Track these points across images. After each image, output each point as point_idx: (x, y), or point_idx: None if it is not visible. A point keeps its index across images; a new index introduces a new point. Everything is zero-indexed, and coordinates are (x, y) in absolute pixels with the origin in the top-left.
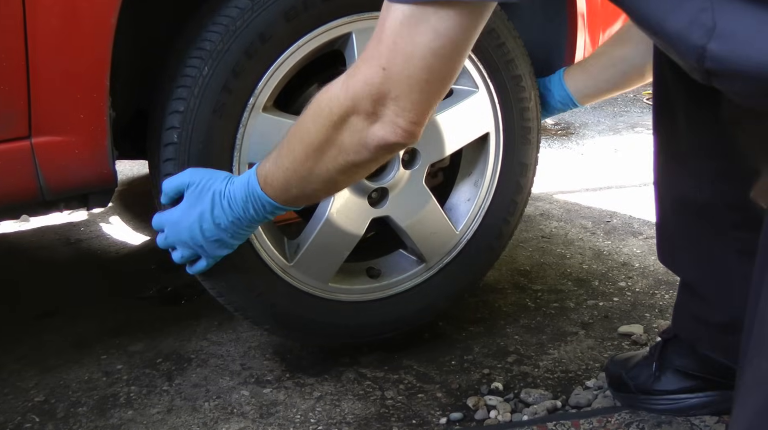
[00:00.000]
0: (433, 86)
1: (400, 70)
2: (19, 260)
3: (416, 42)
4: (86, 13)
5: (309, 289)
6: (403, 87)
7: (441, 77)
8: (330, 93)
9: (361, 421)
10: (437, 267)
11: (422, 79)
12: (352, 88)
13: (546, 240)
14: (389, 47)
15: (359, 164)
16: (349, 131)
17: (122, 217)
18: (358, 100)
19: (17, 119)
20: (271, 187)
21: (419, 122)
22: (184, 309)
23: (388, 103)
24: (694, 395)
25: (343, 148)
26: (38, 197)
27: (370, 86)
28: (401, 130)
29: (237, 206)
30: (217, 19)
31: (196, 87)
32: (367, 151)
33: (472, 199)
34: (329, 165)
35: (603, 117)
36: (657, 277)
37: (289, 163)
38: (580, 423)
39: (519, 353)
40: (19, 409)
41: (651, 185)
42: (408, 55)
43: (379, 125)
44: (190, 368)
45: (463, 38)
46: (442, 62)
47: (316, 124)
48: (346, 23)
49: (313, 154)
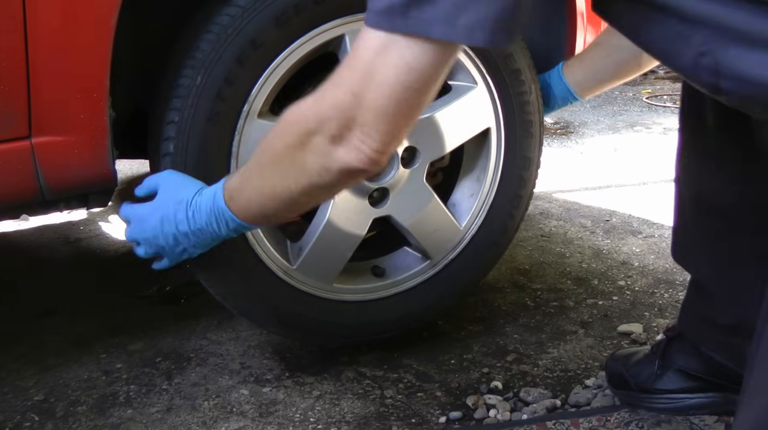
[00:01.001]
0: (401, 118)
1: (370, 98)
2: (19, 259)
3: (388, 73)
4: (86, 13)
5: (313, 290)
6: (371, 115)
7: (409, 109)
8: (298, 112)
9: (360, 420)
10: (442, 263)
11: (390, 110)
12: (320, 109)
13: (545, 239)
14: (361, 74)
15: (321, 187)
16: (313, 153)
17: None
18: (324, 122)
19: (17, 119)
20: (235, 204)
21: (384, 151)
22: (184, 308)
23: (354, 128)
24: (695, 396)
25: (306, 169)
26: (38, 197)
27: (339, 110)
28: (365, 156)
29: (201, 218)
30: (209, 27)
31: (190, 97)
32: (330, 175)
33: (475, 195)
34: (292, 186)
35: (602, 116)
36: (656, 276)
37: (254, 181)
38: (579, 422)
39: (518, 352)
40: (18, 408)
41: (650, 184)
42: (379, 84)
43: (343, 150)
44: (189, 367)
45: (434, 72)
46: (413, 95)
47: (282, 142)
48: (339, 25)
49: (276, 173)
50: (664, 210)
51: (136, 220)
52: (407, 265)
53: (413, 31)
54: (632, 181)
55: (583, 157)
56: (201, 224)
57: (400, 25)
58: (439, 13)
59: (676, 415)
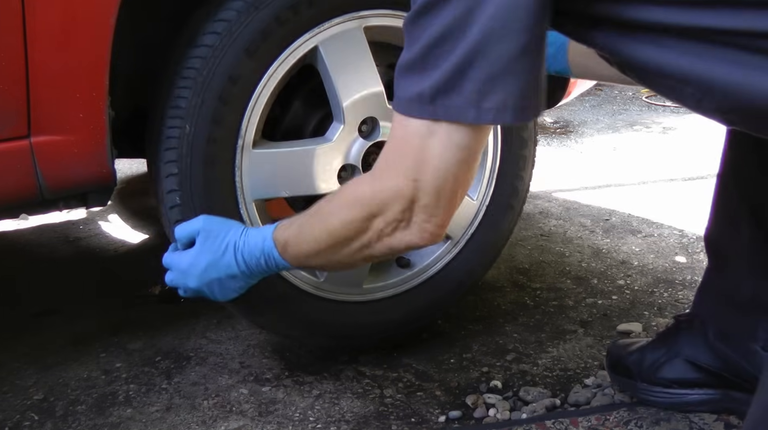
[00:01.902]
0: (458, 192)
1: (429, 181)
2: (18, 258)
3: (441, 156)
4: (85, 13)
5: (345, 297)
6: (433, 197)
7: (465, 182)
8: (357, 193)
9: (360, 419)
10: (464, 240)
11: (449, 188)
12: (380, 196)
13: (545, 238)
14: (415, 160)
15: (380, 257)
16: (375, 233)
17: (121, 215)
18: (387, 207)
19: (16, 118)
20: (290, 256)
21: (444, 225)
22: (183, 307)
23: (417, 211)
24: (694, 392)
25: (368, 246)
26: (37, 196)
27: (401, 196)
28: (429, 234)
29: (251, 261)
30: (184, 73)
31: (183, 146)
32: (391, 251)
33: (481, 165)
34: (351, 255)
35: (602, 115)
36: (656, 275)
37: (313, 244)
38: (578, 421)
39: (518, 352)
40: (18, 407)
41: (649, 183)
42: (435, 168)
43: (408, 231)
44: (189, 366)
45: (480, 145)
46: (466, 169)
47: (343, 221)
48: (309, 39)
49: (337, 245)
50: (664, 209)
51: (178, 271)
52: (431, 249)
53: (445, 118)
54: (632, 180)
55: (583, 157)
56: (252, 264)
57: (431, 112)
58: (465, 100)
59: (674, 410)
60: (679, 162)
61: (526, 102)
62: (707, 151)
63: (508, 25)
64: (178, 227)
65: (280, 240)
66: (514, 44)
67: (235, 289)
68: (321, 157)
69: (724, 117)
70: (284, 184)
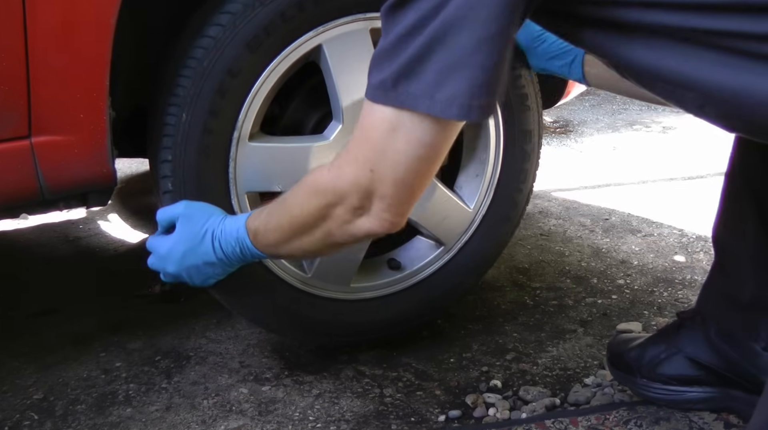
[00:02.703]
0: (417, 184)
1: (387, 173)
2: (18, 257)
3: (402, 149)
4: (86, 13)
5: (332, 294)
6: (390, 188)
7: (424, 175)
8: (318, 182)
9: (359, 419)
10: (457, 247)
11: (408, 181)
12: (339, 184)
13: (545, 238)
14: (375, 151)
15: (344, 244)
16: (335, 221)
17: (121, 215)
18: (345, 196)
19: (17, 119)
20: (261, 245)
21: (404, 215)
22: (183, 307)
23: (375, 200)
24: (693, 389)
25: (329, 233)
26: (38, 196)
27: (359, 186)
28: (387, 222)
29: (228, 249)
30: (186, 62)
31: (179, 134)
32: (353, 238)
33: (480, 175)
34: (315, 243)
35: (602, 115)
36: (655, 274)
37: (279, 232)
38: (578, 421)
39: (518, 351)
40: (17, 406)
41: (649, 183)
42: (394, 161)
43: (366, 219)
44: (188, 365)
45: (443, 143)
46: (426, 165)
47: (303, 210)
48: (313, 37)
49: (299, 232)
50: (664, 209)
51: (158, 255)
52: (422, 254)
53: (402, 105)
54: (631, 179)
55: (583, 156)
56: (228, 252)
57: (392, 99)
58: (421, 88)
59: (673, 408)
60: (678, 161)
61: (475, 100)
62: (707, 150)
63: (469, 16)
64: (160, 210)
65: (251, 229)
66: (471, 36)
67: (213, 275)
68: (317, 155)
69: (726, 123)
70: (278, 179)
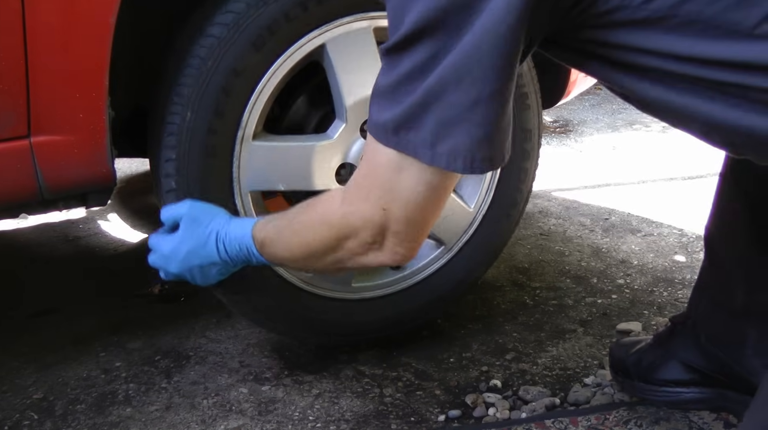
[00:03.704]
0: (428, 219)
1: (400, 212)
2: (18, 257)
3: (411, 188)
4: (85, 12)
5: (334, 293)
6: (402, 225)
7: (435, 211)
8: (329, 215)
9: (359, 418)
10: (457, 247)
11: (420, 218)
12: (352, 220)
13: (544, 237)
14: (385, 190)
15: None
16: (347, 252)
17: (120, 214)
18: (358, 232)
19: (16, 118)
20: (267, 256)
21: (416, 247)
22: (183, 306)
23: (388, 236)
24: (689, 390)
25: (339, 261)
26: (37, 196)
27: (371, 223)
28: (400, 256)
29: (233, 252)
30: (189, 61)
31: (183, 133)
32: (366, 268)
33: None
34: (325, 266)
35: (601, 114)
36: (655, 274)
37: (287, 252)
38: (578, 420)
39: (517, 351)
40: (17, 406)
41: (649, 182)
42: (406, 200)
43: (379, 253)
44: (188, 365)
45: (451, 184)
46: (435, 202)
47: (315, 238)
48: (317, 36)
49: (309, 256)
50: (664, 208)
51: (161, 254)
52: (423, 253)
53: (405, 151)
54: (631, 179)
55: (582, 156)
56: (233, 255)
57: (394, 143)
58: (420, 139)
59: (672, 408)
60: (678, 161)
61: (479, 153)
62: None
63: (465, 76)
64: (164, 209)
65: (258, 238)
66: (467, 96)
67: (215, 275)
68: (321, 154)
69: (732, 150)
70: (282, 178)
